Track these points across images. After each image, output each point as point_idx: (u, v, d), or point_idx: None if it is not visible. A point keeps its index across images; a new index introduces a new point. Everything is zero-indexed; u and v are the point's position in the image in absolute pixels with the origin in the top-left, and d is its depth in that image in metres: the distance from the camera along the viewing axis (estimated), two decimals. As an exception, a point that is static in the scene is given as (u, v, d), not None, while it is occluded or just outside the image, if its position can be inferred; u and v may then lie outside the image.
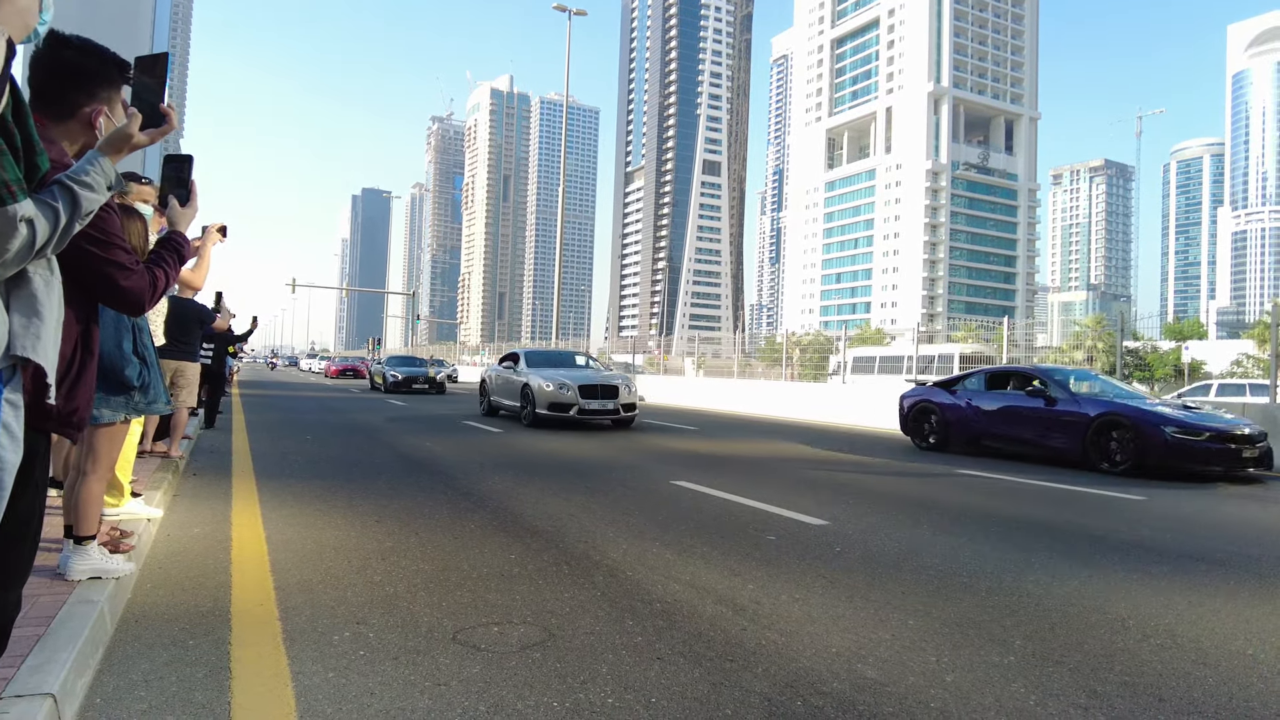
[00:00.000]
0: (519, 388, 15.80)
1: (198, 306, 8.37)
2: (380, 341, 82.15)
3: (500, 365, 17.78)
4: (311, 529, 5.68)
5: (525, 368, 16.23)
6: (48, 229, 1.75)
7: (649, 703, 2.86)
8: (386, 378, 31.10)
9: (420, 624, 3.64)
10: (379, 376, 32.83)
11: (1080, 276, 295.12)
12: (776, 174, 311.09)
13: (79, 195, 1.85)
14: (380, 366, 33.94)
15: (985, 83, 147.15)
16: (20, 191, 1.66)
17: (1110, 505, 7.70)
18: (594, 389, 14.90)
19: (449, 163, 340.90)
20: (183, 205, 2.87)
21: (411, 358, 36.38)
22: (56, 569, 3.76)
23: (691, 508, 6.94)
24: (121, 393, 4.05)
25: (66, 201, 1.82)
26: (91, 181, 1.90)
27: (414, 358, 36.84)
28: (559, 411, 14.66)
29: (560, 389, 14.75)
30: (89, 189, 1.89)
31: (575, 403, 14.56)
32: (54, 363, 1.87)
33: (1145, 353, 50.95)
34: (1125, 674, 3.26)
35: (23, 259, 1.73)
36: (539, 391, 14.94)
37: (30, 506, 1.97)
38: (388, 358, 35.45)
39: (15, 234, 1.66)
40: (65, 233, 1.83)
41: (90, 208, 1.89)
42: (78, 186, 1.86)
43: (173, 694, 2.84)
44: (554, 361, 16.95)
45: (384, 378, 31.46)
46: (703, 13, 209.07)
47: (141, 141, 2.10)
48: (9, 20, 1.59)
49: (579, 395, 14.61)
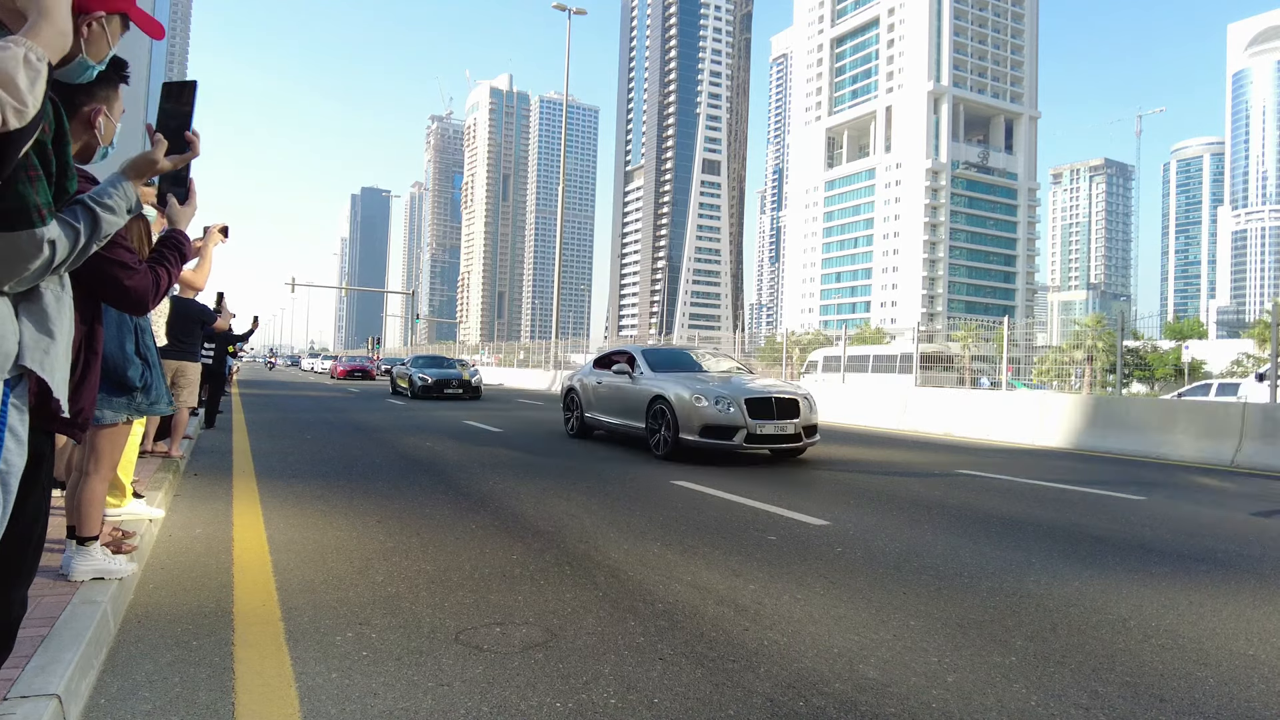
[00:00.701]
0: (643, 402, 11.23)
1: (199, 306, 8.37)
2: (380, 341, 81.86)
3: (598, 369, 13.14)
4: (313, 529, 5.68)
5: (649, 373, 11.70)
6: (67, 248, 1.77)
7: (652, 703, 2.86)
8: (415, 382, 26.34)
9: (423, 624, 3.65)
10: (404, 380, 27.85)
11: (1080, 276, 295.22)
12: (776, 173, 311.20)
13: (100, 217, 1.87)
14: (406, 368, 28.30)
15: (985, 82, 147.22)
16: (50, 214, 1.68)
17: (1110, 505, 7.71)
18: (766, 404, 10.30)
19: (448, 162, 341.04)
20: (181, 203, 2.88)
21: (440, 357, 30.70)
22: (59, 570, 3.76)
23: (692, 508, 6.94)
24: (124, 393, 4.06)
25: (88, 222, 1.84)
26: (114, 204, 1.92)
27: (442, 357, 31.05)
28: (718, 438, 10.10)
29: (719, 405, 10.12)
30: (110, 211, 1.90)
31: (742, 425, 10.05)
32: (64, 379, 1.88)
33: (1145, 352, 50.92)
34: (1127, 674, 3.27)
35: (39, 276, 1.74)
36: (687, 409, 10.27)
37: (36, 508, 1.97)
38: (413, 357, 29.75)
39: (39, 255, 1.68)
40: (83, 253, 1.84)
41: (109, 230, 1.91)
42: (99, 209, 1.87)
43: (176, 694, 2.84)
44: (675, 363, 12.42)
45: (411, 382, 26.70)
46: (702, 12, 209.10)
47: (165, 167, 2.13)
48: (50, 43, 1.59)
49: (746, 414, 10.13)
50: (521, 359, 53.63)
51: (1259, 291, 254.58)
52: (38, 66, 1.51)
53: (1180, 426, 12.88)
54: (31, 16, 1.60)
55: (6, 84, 1.43)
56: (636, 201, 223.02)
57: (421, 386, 26.01)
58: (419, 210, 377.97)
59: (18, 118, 1.44)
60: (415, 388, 26.28)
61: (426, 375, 26.32)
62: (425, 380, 26.06)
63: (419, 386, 26.09)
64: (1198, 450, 12.34)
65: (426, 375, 26.32)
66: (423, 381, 26.08)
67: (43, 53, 1.54)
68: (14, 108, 1.43)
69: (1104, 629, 3.85)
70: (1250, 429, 11.93)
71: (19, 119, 1.45)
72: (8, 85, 1.43)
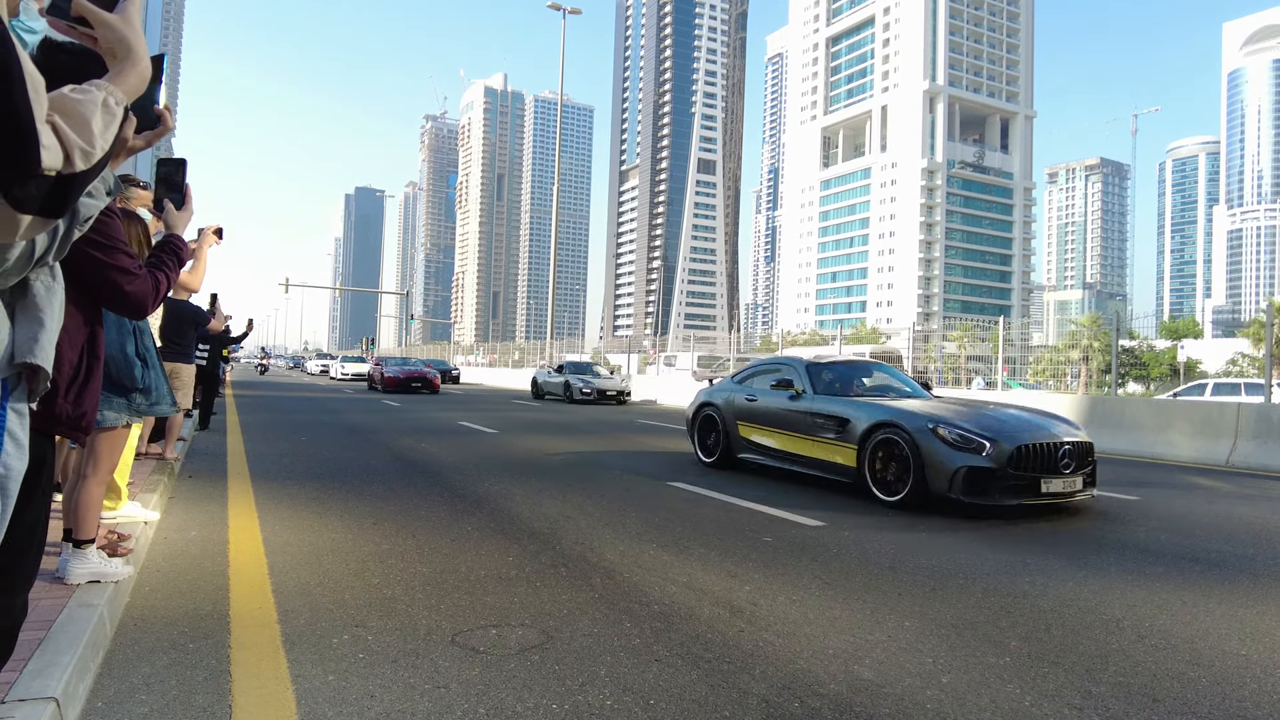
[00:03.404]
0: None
1: (193, 308, 8.37)
2: (374, 341, 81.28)
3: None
4: (308, 531, 5.68)
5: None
6: (47, 238, 1.76)
7: (647, 704, 2.87)
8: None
9: (419, 626, 3.65)
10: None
11: (1076, 275, 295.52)
12: (772, 172, 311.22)
13: (78, 202, 1.86)
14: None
15: (981, 81, 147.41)
16: None
17: (1104, 506, 7.73)
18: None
19: (443, 161, 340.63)
20: (178, 209, 2.89)
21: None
22: (55, 573, 3.77)
23: (688, 509, 6.96)
24: (124, 395, 4.06)
25: None
26: (90, 188, 1.91)
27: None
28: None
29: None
30: (88, 195, 1.89)
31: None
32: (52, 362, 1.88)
33: (1141, 352, 51.15)
34: (1120, 675, 3.29)
35: (23, 268, 1.73)
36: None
37: (37, 513, 1.98)
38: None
39: (14, 245, 1.67)
40: (65, 240, 1.84)
41: (89, 214, 1.90)
42: None
43: (173, 697, 2.85)
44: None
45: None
46: (697, 11, 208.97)
47: (137, 145, 2.10)
48: (133, 88, 1.63)
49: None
50: (516, 359, 53.69)
51: (1254, 291, 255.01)
52: (115, 111, 1.54)
53: (1175, 426, 12.93)
54: (120, 61, 1.63)
55: (81, 127, 1.45)
56: (632, 201, 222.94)
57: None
58: (413, 210, 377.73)
59: (84, 160, 1.47)
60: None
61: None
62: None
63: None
64: (1193, 450, 12.39)
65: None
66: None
67: (122, 97, 1.57)
68: (82, 150, 1.46)
69: (1098, 629, 3.87)
70: (1245, 429, 11.98)
71: (85, 161, 1.47)
72: (82, 129, 1.46)
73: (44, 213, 1.47)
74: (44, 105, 1.37)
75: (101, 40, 1.65)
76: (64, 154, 1.42)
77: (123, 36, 1.63)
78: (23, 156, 1.32)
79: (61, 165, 1.42)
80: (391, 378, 30.40)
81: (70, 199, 1.52)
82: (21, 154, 1.31)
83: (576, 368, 29.23)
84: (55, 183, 1.43)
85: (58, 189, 1.45)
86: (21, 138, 1.30)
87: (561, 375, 28.45)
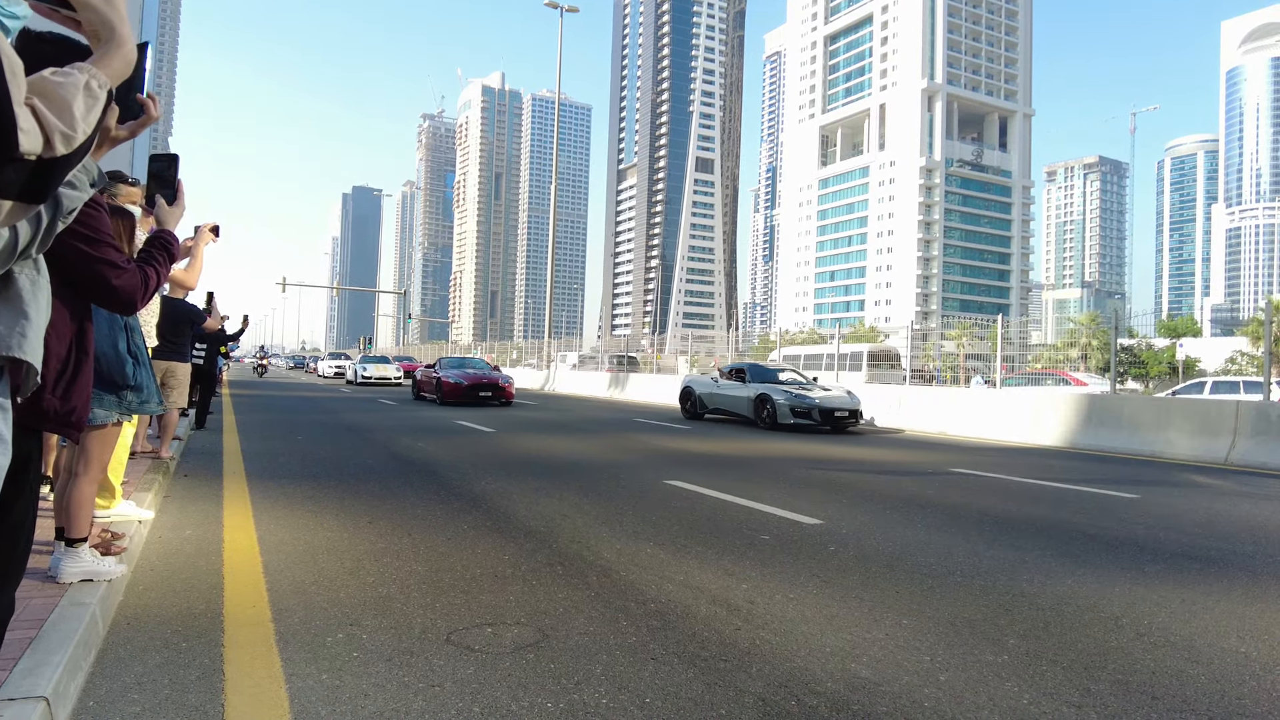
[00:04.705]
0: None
1: (189, 307, 8.35)
2: (371, 340, 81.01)
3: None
4: (304, 530, 5.66)
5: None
6: (29, 230, 1.73)
7: (643, 703, 2.85)
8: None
9: (414, 625, 3.63)
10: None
11: (1075, 274, 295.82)
12: (770, 171, 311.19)
13: (60, 194, 1.83)
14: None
15: (979, 79, 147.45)
16: None
17: (1103, 503, 7.72)
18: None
19: (440, 160, 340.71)
20: (170, 204, 2.86)
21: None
22: (48, 571, 3.74)
23: (685, 507, 6.94)
24: (114, 392, 4.03)
25: (49, 201, 1.80)
26: (73, 179, 1.88)
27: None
28: None
29: None
30: (71, 186, 1.86)
31: None
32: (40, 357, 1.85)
33: (1140, 350, 51.04)
34: (1119, 672, 3.27)
35: (6, 260, 1.71)
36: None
37: (23, 509, 1.96)
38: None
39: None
40: (49, 232, 1.81)
41: (73, 205, 1.87)
42: (61, 185, 1.84)
43: (165, 696, 2.83)
44: None
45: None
46: (695, 9, 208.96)
47: (121, 135, 2.06)
48: (117, 71, 1.60)
49: None
50: (514, 358, 53.62)
51: (1253, 289, 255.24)
52: (98, 94, 1.51)
53: (1174, 424, 12.92)
54: (104, 44, 1.60)
55: (62, 110, 1.43)
56: (630, 200, 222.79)
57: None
58: (411, 209, 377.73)
59: (65, 144, 1.44)
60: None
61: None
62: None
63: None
64: (1192, 448, 12.38)
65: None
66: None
67: (106, 80, 1.54)
68: (63, 134, 1.43)
69: (1096, 627, 3.86)
70: (1244, 427, 11.97)
71: (66, 145, 1.45)
72: (63, 112, 1.43)
73: (24, 198, 1.44)
74: (22, 88, 1.34)
75: (85, 23, 1.62)
76: (44, 138, 1.39)
77: (106, 18, 1.60)
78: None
79: (41, 149, 1.40)
80: (453, 385, 22.32)
81: (52, 184, 1.49)
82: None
83: (761, 373, 18.50)
84: (35, 167, 1.40)
85: (38, 173, 1.42)
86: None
87: (745, 385, 17.91)
